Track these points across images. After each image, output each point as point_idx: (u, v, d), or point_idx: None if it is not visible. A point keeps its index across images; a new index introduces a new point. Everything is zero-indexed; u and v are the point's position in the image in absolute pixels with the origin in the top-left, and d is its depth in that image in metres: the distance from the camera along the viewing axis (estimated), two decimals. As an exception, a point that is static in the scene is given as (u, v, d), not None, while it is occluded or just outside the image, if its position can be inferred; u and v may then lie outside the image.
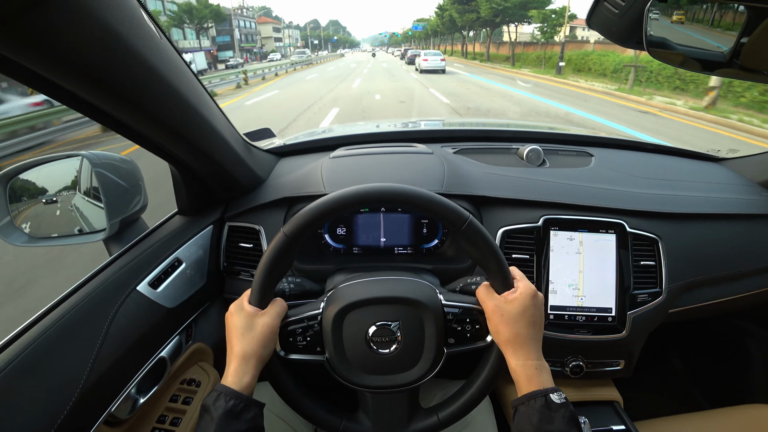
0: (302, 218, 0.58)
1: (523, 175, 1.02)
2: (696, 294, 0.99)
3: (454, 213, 0.59)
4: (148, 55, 0.53)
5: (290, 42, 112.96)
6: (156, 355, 0.76)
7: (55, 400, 0.57)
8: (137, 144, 0.70)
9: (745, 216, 1.02)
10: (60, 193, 0.86)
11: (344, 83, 17.03)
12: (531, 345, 0.59)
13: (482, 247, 0.60)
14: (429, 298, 0.64)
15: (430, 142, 1.21)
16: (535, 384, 0.56)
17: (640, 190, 1.00)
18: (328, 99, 11.73)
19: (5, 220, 0.78)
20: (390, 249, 0.97)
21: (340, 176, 0.96)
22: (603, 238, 0.93)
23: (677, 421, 0.99)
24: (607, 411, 1.00)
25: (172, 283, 0.82)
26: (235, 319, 0.60)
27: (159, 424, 0.78)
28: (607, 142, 1.28)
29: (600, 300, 0.92)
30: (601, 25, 0.68)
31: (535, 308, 0.60)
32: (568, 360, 0.97)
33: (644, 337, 0.97)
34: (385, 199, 0.60)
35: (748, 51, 0.62)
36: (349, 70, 26.60)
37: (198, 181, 0.89)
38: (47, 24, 0.40)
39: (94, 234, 0.83)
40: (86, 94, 0.53)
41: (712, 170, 1.19)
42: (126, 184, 0.84)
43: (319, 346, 0.63)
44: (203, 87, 0.72)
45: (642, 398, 1.44)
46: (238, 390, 0.55)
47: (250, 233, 0.96)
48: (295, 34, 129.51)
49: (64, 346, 0.61)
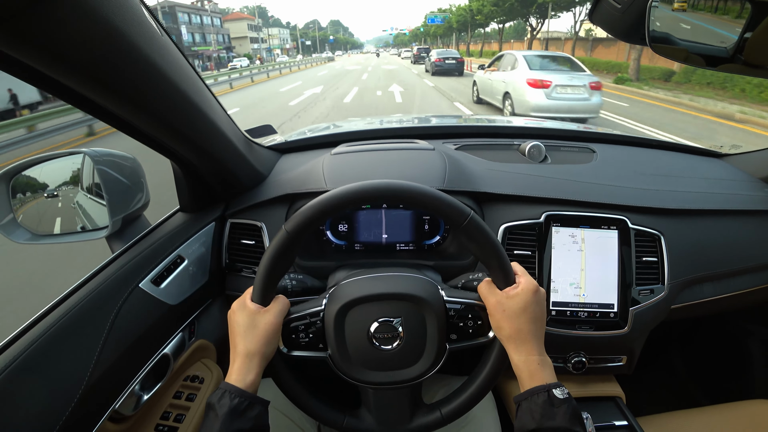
0: (304, 215, 0.59)
1: (525, 171, 1.02)
2: (698, 290, 0.99)
3: (455, 209, 0.59)
4: (150, 52, 0.53)
5: (278, 43, 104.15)
6: (159, 352, 0.76)
7: (59, 398, 0.57)
8: (139, 141, 0.70)
9: (748, 212, 1.02)
10: (62, 190, 0.86)
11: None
12: (533, 341, 0.59)
13: (484, 244, 0.60)
14: (431, 294, 0.64)
15: (432, 138, 1.21)
16: (537, 379, 0.57)
17: (642, 186, 1.00)
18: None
19: (8, 218, 0.78)
20: (392, 245, 0.97)
21: (341, 173, 0.96)
22: (605, 234, 0.93)
23: (679, 417, 0.99)
24: (610, 406, 1.00)
25: (175, 280, 0.82)
26: (238, 317, 0.60)
27: (163, 421, 0.79)
28: (609, 138, 1.28)
29: (602, 296, 0.92)
30: (604, 20, 0.68)
31: (537, 304, 0.60)
32: (570, 356, 0.97)
33: (646, 333, 0.97)
34: (388, 195, 0.60)
35: (751, 46, 0.61)
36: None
37: (200, 178, 0.89)
38: (50, 22, 0.40)
39: (97, 231, 0.83)
40: (89, 92, 0.53)
41: (715, 166, 1.19)
42: (128, 181, 0.84)
43: (321, 343, 0.64)
44: (205, 84, 0.72)
45: (644, 394, 1.45)
46: (242, 388, 0.55)
47: (252, 230, 0.96)
48: (284, 33, 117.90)
49: (67, 344, 0.61)
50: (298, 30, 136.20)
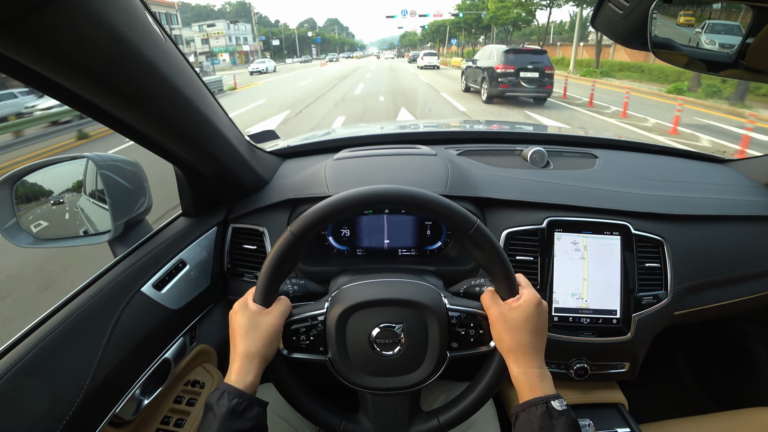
0: (309, 217, 0.59)
1: (527, 176, 1.02)
2: (701, 296, 0.99)
3: (461, 217, 0.59)
4: (153, 57, 0.53)
5: (227, 44, 68.30)
6: (160, 356, 0.76)
7: (60, 401, 0.57)
8: (142, 145, 0.71)
9: (751, 218, 1.02)
10: (65, 194, 0.86)
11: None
12: (534, 353, 0.58)
13: (489, 253, 0.60)
14: (434, 301, 0.64)
15: (434, 143, 1.21)
16: (536, 392, 0.56)
17: (644, 191, 1.00)
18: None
19: (11, 222, 0.78)
20: (393, 251, 0.97)
21: (343, 178, 0.96)
22: (607, 240, 0.92)
23: (682, 424, 0.98)
24: (612, 413, 0.99)
25: (177, 284, 0.82)
26: (239, 318, 0.60)
27: (163, 426, 0.78)
28: (612, 144, 1.28)
29: (604, 302, 0.92)
30: (606, 25, 0.68)
31: (539, 316, 0.59)
32: (572, 362, 0.96)
33: (649, 339, 0.96)
34: (393, 201, 0.60)
35: (753, 51, 0.61)
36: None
37: (202, 183, 0.89)
38: (53, 25, 0.40)
39: (99, 235, 0.83)
40: (92, 96, 0.53)
41: (718, 171, 1.18)
42: (131, 185, 0.84)
43: (322, 346, 0.63)
44: (207, 89, 0.73)
45: (647, 401, 1.43)
46: (241, 389, 0.55)
47: (254, 235, 0.97)
48: (240, 30, 73.66)
49: (69, 348, 0.61)
50: (286, 28, 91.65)
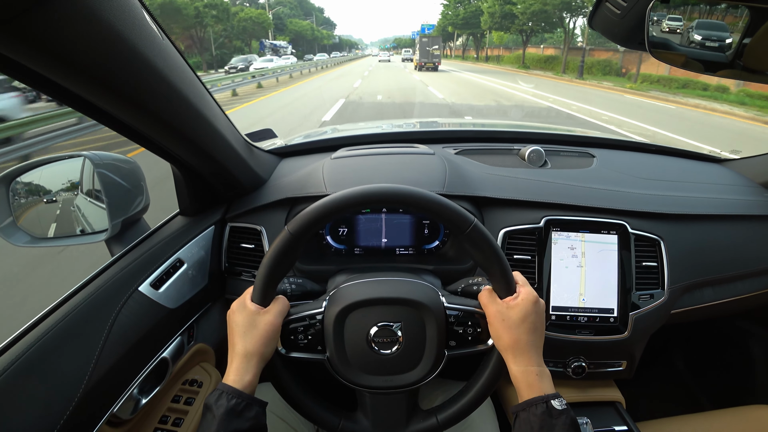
0: (307, 216, 0.58)
1: (525, 175, 1.02)
2: (698, 295, 0.99)
3: (459, 216, 0.59)
4: (151, 55, 0.53)
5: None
6: (158, 355, 0.76)
7: (58, 401, 0.57)
8: (139, 144, 0.70)
9: (747, 217, 1.02)
10: (62, 193, 0.86)
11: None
12: (532, 351, 0.58)
13: (486, 252, 0.60)
14: (431, 299, 0.64)
15: (432, 142, 1.21)
16: (535, 390, 0.56)
17: (641, 190, 1.00)
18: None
19: (7, 221, 0.78)
20: (391, 250, 0.97)
21: (341, 177, 0.96)
22: (605, 239, 0.93)
23: (679, 422, 0.98)
24: (610, 411, 1.00)
25: (174, 283, 0.82)
26: (237, 317, 0.60)
27: (161, 425, 0.78)
28: (609, 143, 1.28)
29: (602, 301, 0.92)
30: (603, 26, 0.68)
31: (537, 315, 0.59)
32: (570, 361, 0.96)
33: (646, 337, 0.96)
34: (391, 200, 0.60)
35: (750, 52, 0.62)
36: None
37: (200, 182, 0.89)
38: (49, 24, 0.40)
39: (96, 234, 0.83)
40: (89, 95, 0.53)
41: (714, 171, 1.19)
42: (128, 184, 0.84)
43: (320, 345, 0.64)
44: (205, 88, 0.72)
45: (644, 399, 1.44)
46: (239, 388, 0.55)
47: (252, 234, 0.96)
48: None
49: (66, 347, 0.61)
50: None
